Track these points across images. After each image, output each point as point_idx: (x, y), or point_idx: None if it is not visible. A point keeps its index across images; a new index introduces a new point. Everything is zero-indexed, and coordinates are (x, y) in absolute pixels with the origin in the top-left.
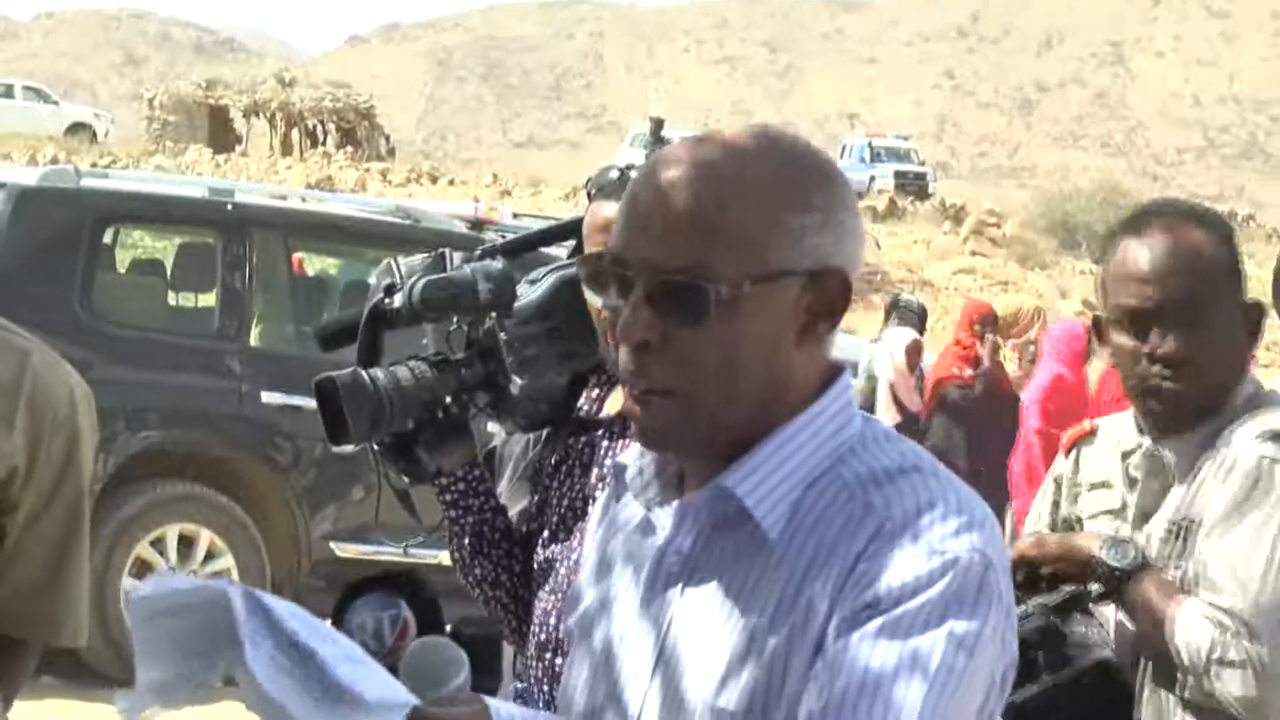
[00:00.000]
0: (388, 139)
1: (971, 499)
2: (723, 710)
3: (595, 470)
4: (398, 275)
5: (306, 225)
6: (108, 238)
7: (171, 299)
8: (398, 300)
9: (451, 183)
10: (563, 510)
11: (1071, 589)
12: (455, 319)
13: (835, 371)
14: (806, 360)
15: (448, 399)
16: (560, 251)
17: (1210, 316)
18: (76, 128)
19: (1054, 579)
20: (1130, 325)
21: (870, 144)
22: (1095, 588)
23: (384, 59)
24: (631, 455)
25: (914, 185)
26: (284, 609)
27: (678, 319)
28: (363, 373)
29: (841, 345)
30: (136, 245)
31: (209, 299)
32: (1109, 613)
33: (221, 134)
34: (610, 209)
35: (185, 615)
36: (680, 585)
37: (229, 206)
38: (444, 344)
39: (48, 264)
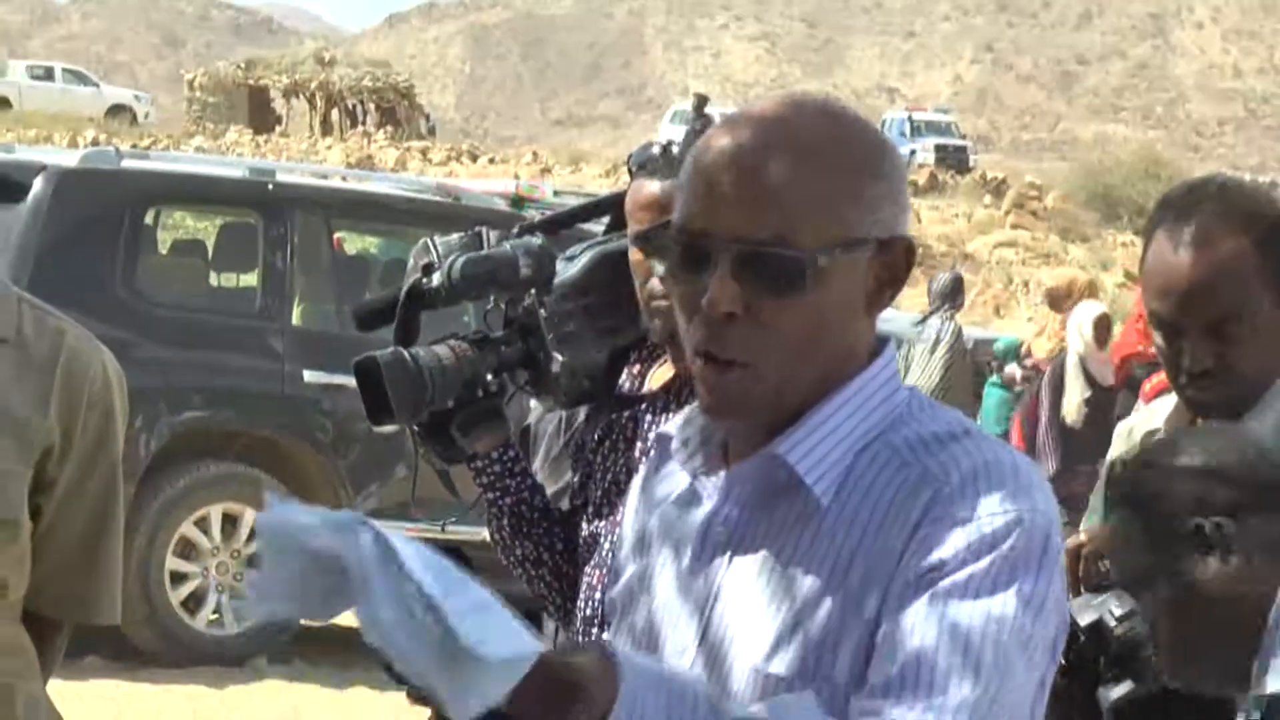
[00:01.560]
0: (428, 118)
1: (1024, 461)
2: (772, 676)
3: (639, 445)
4: (435, 254)
5: (347, 204)
6: (149, 219)
7: (213, 279)
8: (436, 279)
9: (492, 161)
10: (606, 485)
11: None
12: (494, 297)
13: (882, 340)
14: (867, 329)
15: (488, 377)
16: (598, 228)
17: (1243, 327)
18: (117, 110)
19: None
20: (1160, 330)
21: (910, 118)
22: None
23: (423, 37)
24: (675, 425)
25: (954, 159)
26: (412, 553)
27: (766, 291)
28: (404, 352)
29: (883, 317)
30: (178, 226)
31: (250, 279)
32: None
33: (261, 114)
34: (653, 186)
35: (316, 551)
36: (728, 554)
37: (270, 186)
38: (483, 323)
39: (90, 245)
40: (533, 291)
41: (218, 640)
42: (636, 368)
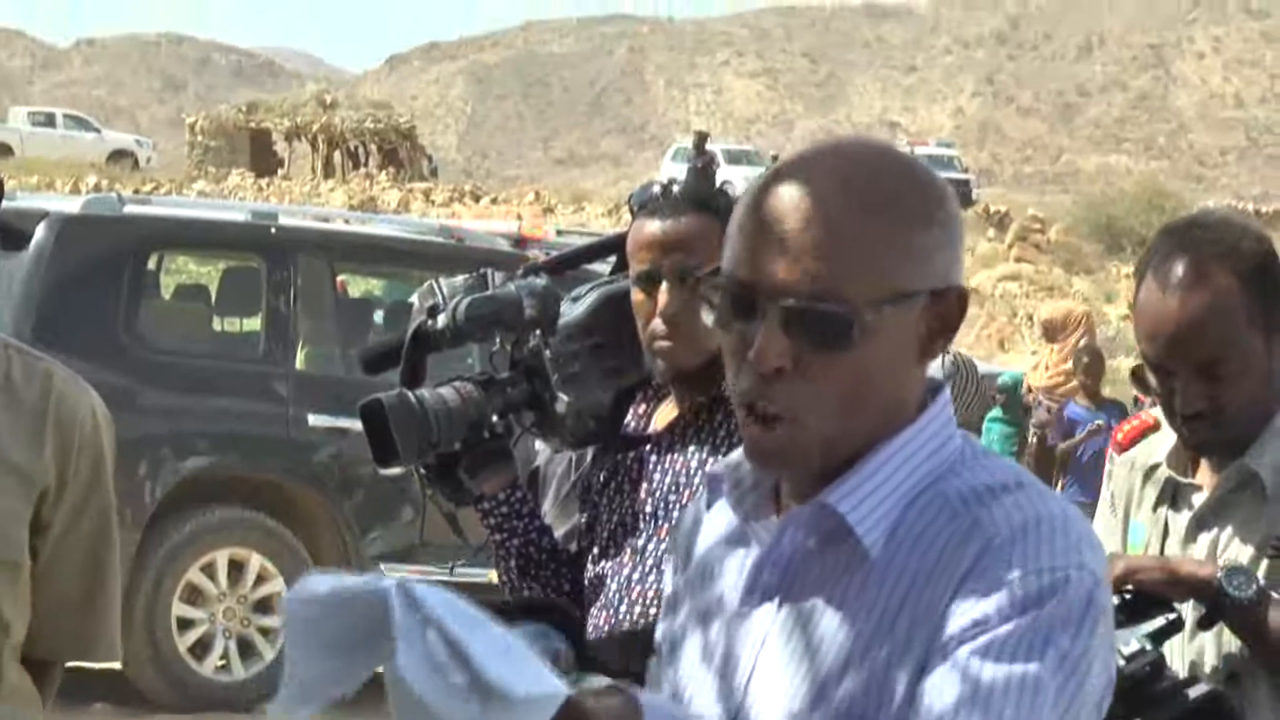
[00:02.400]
0: (430, 159)
1: (1076, 515)
2: None
3: (644, 485)
4: (440, 296)
5: (350, 247)
6: (151, 264)
7: (216, 324)
8: (441, 321)
9: (494, 201)
10: (612, 526)
11: (1167, 616)
12: (499, 338)
13: (936, 387)
14: (918, 378)
15: (494, 418)
16: (603, 268)
17: (1233, 367)
18: (118, 155)
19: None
20: (1152, 371)
21: (913, 152)
22: (1191, 614)
23: (424, 78)
24: (726, 465)
25: (957, 193)
26: (437, 600)
27: (814, 345)
28: (409, 394)
29: None
30: (181, 271)
31: (254, 323)
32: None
33: (263, 157)
34: (653, 225)
35: (340, 614)
36: (777, 600)
37: (272, 230)
38: (488, 364)
39: (92, 291)
40: (538, 332)
41: (225, 686)
42: (642, 408)
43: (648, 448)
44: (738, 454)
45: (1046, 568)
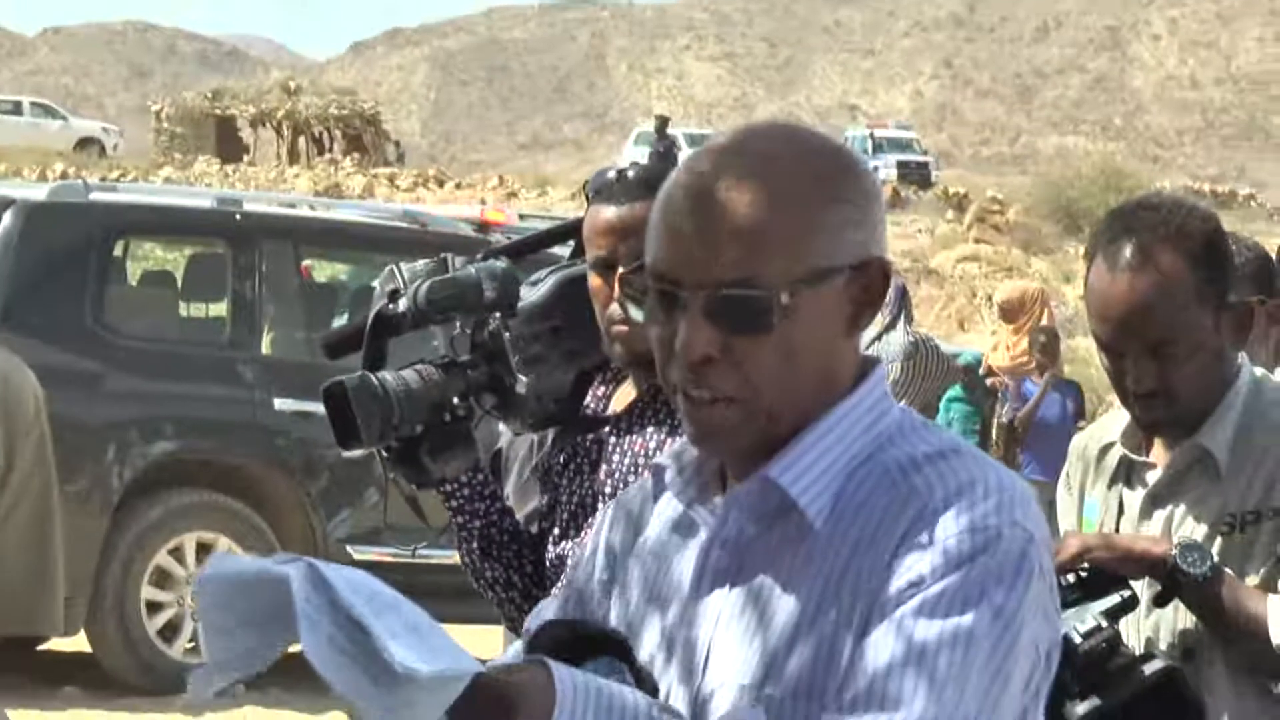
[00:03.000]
0: (398, 145)
1: (1011, 478)
2: (771, 697)
3: (604, 467)
4: (401, 280)
5: (315, 232)
6: (118, 250)
7: (183, 309)
8: (402, 304)
9: (458, 186)
10: (572, 508)
11: (1122, 594)
12: (459, 322)
13: (870, 361)
14: (850, 351)
15: (455, 401)
16: (562, 252)
17: (1183, 347)
18: (85, 142)
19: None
20: (1104, 351)
21: (872, 135)
22: (1146, 591)
23: (387, 64)
24: (669, 456)
25: (917, 175)
26: (344, 580)
27: (738, 330)
28: (371, 376)
29: None
30: (147, 257)
31: (220, 308)
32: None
33: (229, 144)
34: (609, 211)
35: (248, 595)
36: (727, 580)
37: (237, 216)
38: (450, 348)
39: (59, 278)
40: (497, 315)
41: (194, 668)
42: (601, 390)
43: (607, 429)
44: (680, 444)
45: (980, 526)
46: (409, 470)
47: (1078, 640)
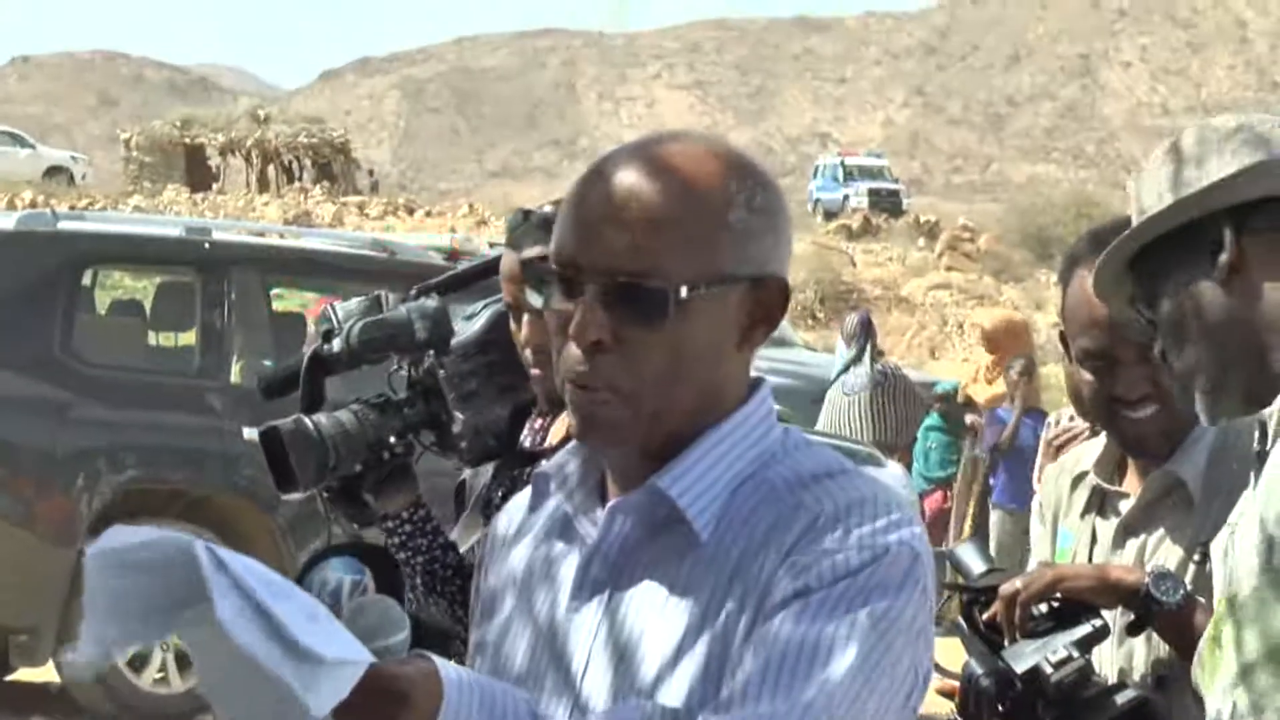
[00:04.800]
0: (371, 173)
1: (898, 497)
2: (660, 707)
3: None
4: (335, 320)
5: (284, 261)
6: (86, 279)
7: (152, 338)
8: (337, 345)
9: (429, 214)
10: None
11: (1093, 623)
12: (396, 360)
13: (757, 380)
14: (741, 366)
15: (392, 439)
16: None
17: None
18: (54, 171)
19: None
20: (1089, 365)
21: (843, 163)
22: (1119, 620)
23: (357, 93)
24: (552, 465)
25: (888, 203)
26: (241, 565)
27: (632, 320)
28: (306, 420)
29: (816, 362)
30: (116, 286)
31: (189, 337)
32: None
33: (198, 172)
34: (512, 257)
35: (146, 570)
36: (607, 590)
37: (206, 245)
38: (388, 385)
39: (28, 307)
40: (431, 353)
41: (163, 698)
42: (539, 422)
43: (543, 463)
44: (563, 454)
45: (868, 544)
46: (349, 509)
47: (1049, 670)
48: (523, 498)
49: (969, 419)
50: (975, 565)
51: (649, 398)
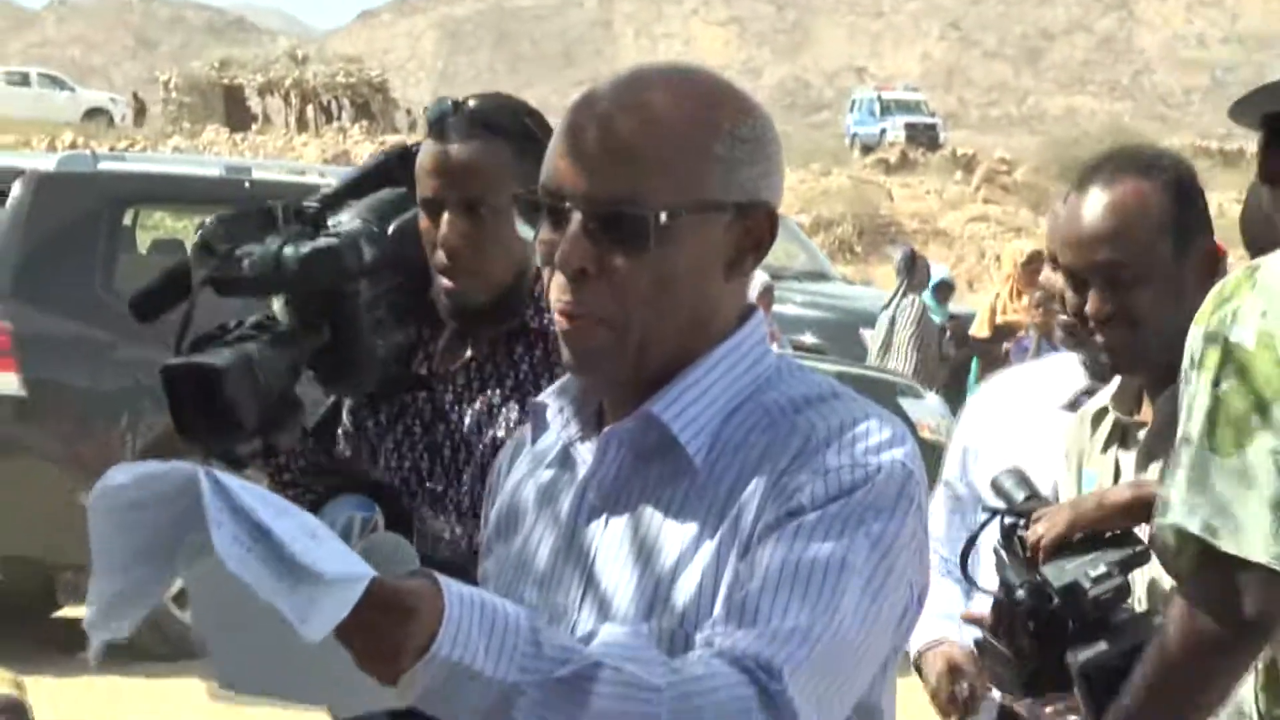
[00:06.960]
0: (409, 112)
1: (891, 419)
2: (654, 629)
3: (441, 427)
4: (223, 236)
5: None
6: (127, 219)
7: None
8: (249, 268)
9: None
10: (404, 473)
11: (1135, 547)
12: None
13: (750, 308)
14: (730, 294)
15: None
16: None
17: (1150, 275)
18: (94, 113)
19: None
20: (1069, 280)
21: (880, 97)
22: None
23: (395, 32)
24: (549, 394)
25: (925, 137)
26: (239, 485)
27: (615, 248)
28: (243, 355)
29: (857, 295)
30: (157, 226)
31: None
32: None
33: (237, 113)
34: (438, 149)
35: (149, 505)
36: (604, 516)
37: (246, 184)
38: (281, 314)
39: (69, 248)
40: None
41: None
42: (430, 347)
43: (441, 388)
44: (560, 383)
45: (861, 461)
46: (222, 443)
47: (1087, 585)
48: (524, 430)
49: (1004, 345)
50: (1016, 493)
51: (635, 325)
